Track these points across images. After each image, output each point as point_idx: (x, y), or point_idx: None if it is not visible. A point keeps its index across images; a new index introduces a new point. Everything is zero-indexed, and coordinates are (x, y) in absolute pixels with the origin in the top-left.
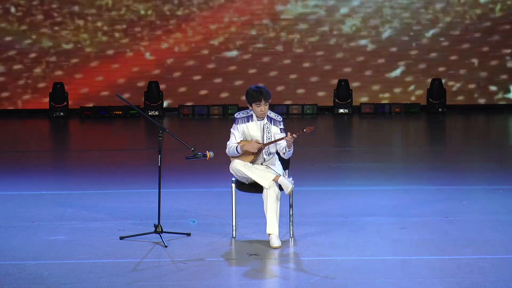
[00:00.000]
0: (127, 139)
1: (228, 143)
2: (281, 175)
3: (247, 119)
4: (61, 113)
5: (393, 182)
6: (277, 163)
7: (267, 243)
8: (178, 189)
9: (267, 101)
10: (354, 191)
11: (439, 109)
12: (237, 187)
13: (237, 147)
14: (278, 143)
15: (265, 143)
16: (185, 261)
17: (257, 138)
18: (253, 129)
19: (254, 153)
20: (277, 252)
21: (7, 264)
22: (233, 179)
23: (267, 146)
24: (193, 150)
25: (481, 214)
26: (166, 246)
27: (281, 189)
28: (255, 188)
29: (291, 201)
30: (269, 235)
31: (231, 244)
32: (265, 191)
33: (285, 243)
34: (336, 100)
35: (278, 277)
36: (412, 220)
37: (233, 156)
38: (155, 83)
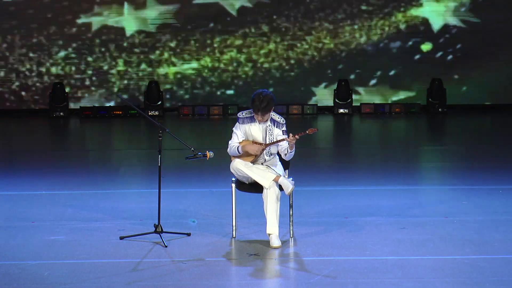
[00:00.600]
0: (127, 139)
1: (229, 142)
2: (281, 175)
3: (250, 119)
4: (61, 113)
5: (393, 182)
6: (278, 164)
7: (267, 243)
8: (178, 189)
9: (263, 115)
10: (354, 191)
11: (439, 109)
12: (237, 187)
13: (238, 147)
14: (280, 144)
15: (266, 143)
16: (185, 261)
17: (258, 139)
18: (255, 130)
19: (257, 153)
20: (277, 252)
21: (7, 264)
22: (233, 179)
23: (268, 147)
24: (193, 150)
25: (481, 214)
26: (166, 246)
27: (281, 189)
28: (255, 188)
29: (291, 201)
30: (269, 235)
31: (231, 244)
32: (265, 191)
33: (285, 243)
34: (336, 100)
35: (278, 277)
36: (412, 220)
37: (234, 156)
38: (155, 83)
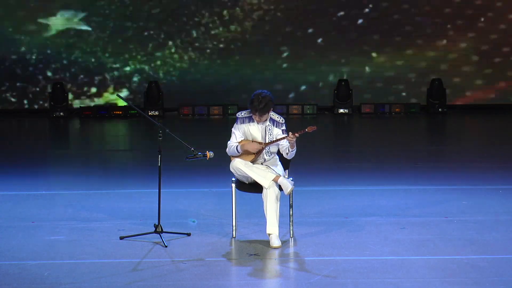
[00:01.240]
0: (127, 139)
1: (228, 142)
2: (281, 175)
3: (249, 119)
4: (61, 113)
5: (393, 182)
6: (278, 164)
7: (267, 243)
8: (178, 189)
9: (261, 116)
10: (354, 191)
11: (439, 109)
12: (237, 187)
13: (237, 146)
14: (281, 144)
15: (266, 142)
16: (185, 261)
17: (257, 138)
18: (254, 129)
19: (255, 153)
20: (277, 252)
21: (7, 264)
22: (233, 179)
23: (268, 146)
24: (193, 150)
25: (481, 214)
26: (166, 246)
27: (281, 189)
28: (255, 188)
29: (291, 201)
30: (269, 235)
31: (231, 244)
32: (265, 191)
33: (285, 243)
34: (336, 100)
35: (278, 277)
36: (412, 220)
37: (233, 156)
38: (155, 83)
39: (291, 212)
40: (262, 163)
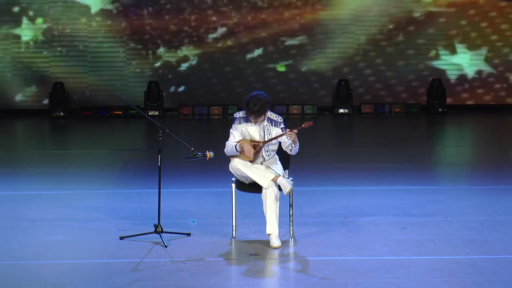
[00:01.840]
0: (127, 139)
1: (226, 143)
2: (280, 175)
3: (247, 119)
4: (61, 113)
5: (393, 182)
6: (277, 163)
7: (267, 243)
8: (178, 189)
9: (256, 118)
10: (354, 191)
11: (439, 109)
12: (237, 187)
13: (236, 145)
14: (283, 141)
15: (264, 141)
16: (185, 261)
17: (256, 138)
18: (252, 129)
19: (250, 156)
20: (277, 252)
21: (7, 264)
22: (233, 179)
23: (266, 144)
24: (193, 150)
25: (481, 214)
26: (166, 246)
27: (280, 189)
28: (255, 188)
29: (291, 201)
30: (269, 235)
31: (231, 244)
32: (264, 191)
33: (285, 243)
34: (336, 100)
35: (278, 277)
36: (412, 220)
37: (233, 155)
38: (155, 83)
39: (291, 212)
40: (261, 163)
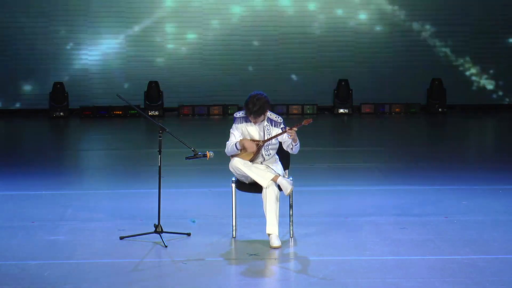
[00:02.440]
0: (127, 139)
1: (227, 142)
2: (280, 175)
3: (246, 119)
4: (61, 113)
5: (393, 182)
6: (277, 163)
7: (267, 243)
8: (178, 189)
9: (255, 118)
10: (354, 191)
11: (439, 109)
12: (237, 187)
13: (236, 143)
14: (284, 141)
15: (264, 139)
16: (185, 261)
17: (256, 138)
18: (252, 129)
19: (253, 151)
20: (277, 252)
21: (7, 264)
22: (233, 178)
23: (266, 143)
24: (193, 150)
25: (481, 214)
26: (166, 246)
27: (280, 189)
28: (255, 188)
29: (291, 201)
30: (269, 235)
31: (231, 244)
32: (264, 191)
33: (285, 243)
34: (336, 100)
35: (278, 277)
36: (412, 220)
37: (233, 155)
38: (155, 83)
39: (291, 212)
40: (261, 163)
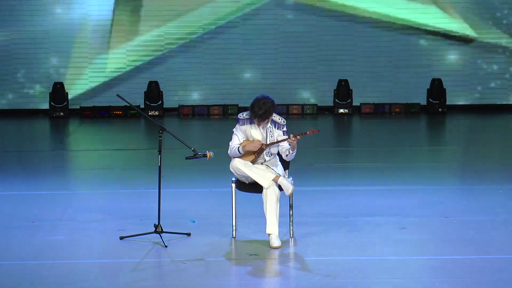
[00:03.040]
0: (127, 139)
1: (230, 143)
2: (281, 175)
3: (250, 121)
4: (61, 113)
5: (393, 182)
6: (278, 164)
7: (267, 243)
8: (178, 189)
9: (260, 121)
10: (354, 191)
11: (439, 109)
12: (237, 187)
13: (238, 147)
14: (281, 144)
15: (267, 143)
16: (185, 261)
17: (258, 140)
18: (255, 131)
19: (255, 153)
20: (277, 252)
21: (7, 264)
22: (233, 179)
23: (268, 146)
24: (193, 150)
25: (481, 214)
26: (166, 246)
27: (281, 189)
28: (255, 188)
29: (291, 201)
30: (269, 235)
31: (231, 244)
32: (264, 191)
33: (285, 243)
34: (336, 100)
35: (278, 277)
36: (412, 220)
37: (235, 157)
38: (155, 83)
39: (291, 212)
40: (262, 163)
